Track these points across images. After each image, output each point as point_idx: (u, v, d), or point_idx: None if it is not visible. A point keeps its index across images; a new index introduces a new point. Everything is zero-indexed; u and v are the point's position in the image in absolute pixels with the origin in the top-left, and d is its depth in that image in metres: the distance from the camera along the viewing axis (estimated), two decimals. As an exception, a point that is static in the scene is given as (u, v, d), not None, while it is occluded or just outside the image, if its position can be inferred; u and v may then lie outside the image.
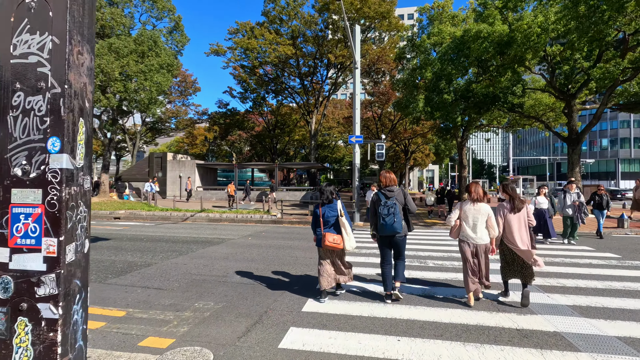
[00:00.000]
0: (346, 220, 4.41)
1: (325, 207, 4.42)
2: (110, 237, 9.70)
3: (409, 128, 38.16)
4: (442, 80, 17.21)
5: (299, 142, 47.47)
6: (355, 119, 13.89)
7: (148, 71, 18.37)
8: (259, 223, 14.14)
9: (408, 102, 22.66)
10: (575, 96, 15.56)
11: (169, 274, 5.69)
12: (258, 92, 36.57)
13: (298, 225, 13.43)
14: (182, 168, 27.07)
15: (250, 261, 6.71)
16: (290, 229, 12.10)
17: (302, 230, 11.87)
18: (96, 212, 16.21)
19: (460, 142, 24.48)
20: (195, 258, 6.97)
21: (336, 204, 4.44)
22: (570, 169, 15.73)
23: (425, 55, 22.23)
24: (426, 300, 4.47)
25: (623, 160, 74.99)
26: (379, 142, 13.83)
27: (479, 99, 17.32)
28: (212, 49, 26.27)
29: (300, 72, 29.23)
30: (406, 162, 41.55)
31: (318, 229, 4.42)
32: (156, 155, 27.67)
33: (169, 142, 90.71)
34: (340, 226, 4.36)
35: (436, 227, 12.76)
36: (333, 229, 4.38)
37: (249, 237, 10.06)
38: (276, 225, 13.60)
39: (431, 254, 7.40)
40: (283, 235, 10.51)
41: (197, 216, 15.10)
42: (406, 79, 24.20)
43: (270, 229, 12.24)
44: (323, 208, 4.42)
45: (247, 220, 14.39)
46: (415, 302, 4.39)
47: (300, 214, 16.08)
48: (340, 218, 4.37)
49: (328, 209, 4.41)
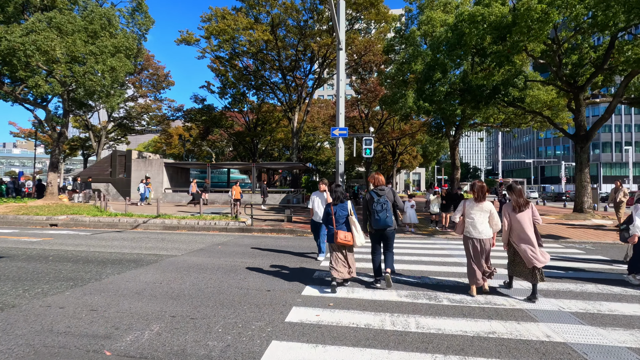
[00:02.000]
0: (355, 218, 4.80)
1: (337, 207, 4.81)
2: (2, 253, 7.19)
3: (397, 128, 36.49)
4: (436, 71, 15.33)
5: (283, 142, 45.16)
6: (339, 108, 11.77)
7: (100, 53, 15.74)
8: (222, 231, 11.79)
9: (396, 98, 20.77)
10: (583, 88, 13.94)
11: (6, 335, 3.33)
12: (238, 88, 34.15)
13: (270, 235, 11.16)
14: (149, 167, 24.31)
15: (173, 299, 4.41)
16: (258, 240, 9.82)
17: (273, 241, 9.61)
18: (30, 218, 13.51)
19: (453, 142, 22.77)
20: (91, 293, 4.63)
21: (347, 204, 4.84)
22: (579, 170, 14.04)
23: (414, 47, 20.41)
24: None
25: (605, 164, 75.99)
26: (367, 136, 11.75)
27: (477, 92, 15.52)
28: (182, 36, 23.66)
29: (281, 65, 27.01)
30: (394, 163, 39.82)
31: (330, 226, 4.81)
32: (119, 153, 24.82)
33: (147, 142, 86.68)
34: (351, 224, 4.76)
35: (444, 237, 10.74)
36: (344, 227, 4.78)
37: (199, 252, 7.74)
38: (243, 234, 11.28)
39: (444, 278, 5.33)
40: (245, 249, 8.23)
41: (150, 223, 12.61)
42: (394, 73, 22.34)
43: (232, 239, 9.93)
44: (335, 207, 4.80)
45: (209, 228, 12.01)
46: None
47: (275, 219, 13.80)
48: (350, 217, 4.79)
49: (339, 209, 4.79)
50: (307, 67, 28.41)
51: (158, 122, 33.99)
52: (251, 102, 37.52)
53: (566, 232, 11.46)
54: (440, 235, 10.95)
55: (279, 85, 30.10)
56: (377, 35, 25.34)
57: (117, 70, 16.45)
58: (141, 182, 20.16)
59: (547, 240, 9.91)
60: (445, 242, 9.64)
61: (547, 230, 11.70)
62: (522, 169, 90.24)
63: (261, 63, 28.86)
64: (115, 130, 34.71)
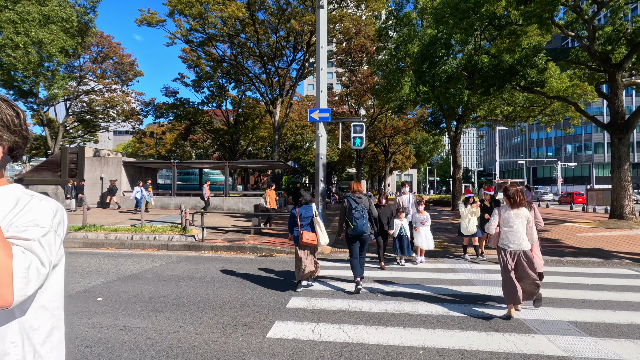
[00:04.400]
0: (320, 219, 5.00)
1: (302, 208, 5.01)
2: None
3: (390, 125, 33.80)
4: (438, 47, 12.54)
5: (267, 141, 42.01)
6: (320, 84, 8.86)
7: (21, 22, 12.49)
8: (162, 249, 8.70)
9: (390, 86, 17.98)
10: (621, 67, 11.33)
11: None
12: (216, 81, 30.95)
13: (223, 255, 8.12)
14: (105, 167, 20.96)
15: None
16: (200, 265, 6.77)
17: (225, 265, 6.56)
18: None
19: (454, 137, 20.10)
20: None
21: (312, 206, 5.03)
22: (617, 167, 11.39)
23: (410, 27, 17.68)
24: None
25: (597, 164, 75.13)
26: (357, 120, 8.85)
27: (489, 73, 12.81)
28: (143, 16, 20.32)
29: (261, 52, 23.98)
30: (386, 164, 37.09)
31: (295, 228, 5.00)
32: (70, 150, 21.39)
33: (126, 142, 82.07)
34: (315, 224, 4.95)
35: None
36: (309, 227, 4.97)
37: (86, 295, 4.69)
38: (187, 254, 8.22)
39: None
40: (156, 292, 5.19)
41: (69, 237, 9.42)
42: (388, 60, 19.57)
43: (162, 265, 6.85)
44: (300, 209, 5.02)
45: (144, 244, 8.90)
46: None
47: (239, 229, 10.71)
48: (315, 217, 4.96)
49: (304, 210, 5.00)
50: (290, 56, 25.46)
51: (126, 117, 30.46)
52: (232, 97, 34.34)
53: (621, 245, 8.74)
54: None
55: (260, 77, 27.09)
56: (368, 15, 22.57)
57: (47, 45, 13.20)
58: (137, 186, 16.39)
59: (603, 263, 7.13)
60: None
61: (591, 243, 8.97)
62: (514, 169, 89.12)
63: (239, 52, 25.80)
64: (76, 127, 31.04)
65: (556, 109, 20.89)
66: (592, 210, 23.54)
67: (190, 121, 32.05)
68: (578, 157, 76.53)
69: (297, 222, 4.92)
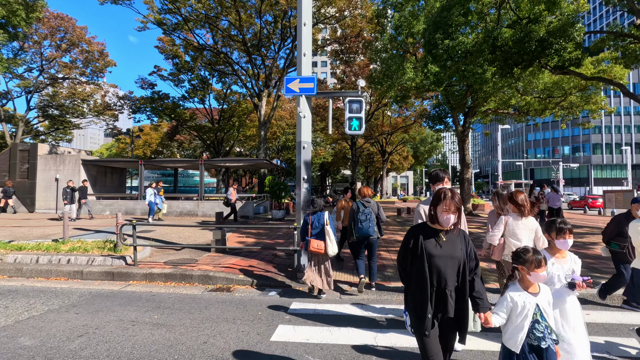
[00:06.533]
0: (331, 229, 4.87)
1: (314, 216, 4.94)
2: None
3: (387, 122, 31.37)
4: (455, 11, 10.05)
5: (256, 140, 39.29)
6: (302, 44, 6.30)
7: None
8: (74, 278, 6.02)
9: (390, 72, 15.51)
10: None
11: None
12: (197, 73, 28.23)
13: (159, 287, 5.47)
14: (62, 166, 18.11)
15: None
16: (101, 318, 4.06)
17: (149, 308, 3.89)
18: None
19: (462, 132, 17.66)
20: None
21: (324, 214, 4.94)
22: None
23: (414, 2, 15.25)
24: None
25: (596, 166, 73.92)
26: (353, 95, 6.31)
27: (514, 48, 10.38)
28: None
29: (244, 38, 21.37)
30: (383, 164, 34.59)
31: (306, 235, 4.93)
32: (21, 146, 18.50)
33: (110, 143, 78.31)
34: (325, 234, 4.82)
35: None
36: (319, 236, 4.87)
37: None
38: (108, 285, 5.55)
39: None
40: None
41: (-47, 259, 6.67)
42: (388, 41, 17.06)
43: (45, 316, 4.14)
44: (312, 217, 4.95)
45: (49, 271, 6.18)
46: None
47: (199, 245, 7.99)
48: (325, 227, 4.85)
49: (316, 219, 4.92)
50: (277, 44, 22.89)
51: (98, 113, 27.49)
52: (217, 91, 31.61)
53: None
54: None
55: (246, 70, 24.48)
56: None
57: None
58: (149, 187, 13.30)
59: None
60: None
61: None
62: (512, 171, 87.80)
63: (222, 40, 23.19)
64: (42, 123, 28.01)
65: (574, 101, 18.62)
66: (611, 214, 21.34)
67: (170, 117, 29.26)
68: (576, 158, 75.23)
69: (309, 229, 4.92)
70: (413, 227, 2.35)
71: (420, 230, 2.24)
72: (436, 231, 2.21)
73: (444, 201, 2.14)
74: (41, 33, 22.75)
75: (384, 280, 5.61)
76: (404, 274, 2.32)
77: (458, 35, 9.87)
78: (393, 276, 5.88)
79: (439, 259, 2.12)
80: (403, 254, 2.29)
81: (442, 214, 2.14)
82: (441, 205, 2.15)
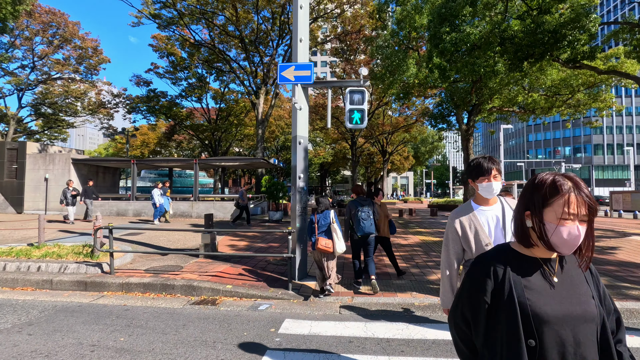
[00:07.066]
0: (337, 226, 4.87)
1: (320, 215, 4.90)
2: None
3: (388, 122, 30.77)
4: (462, 1, 9.44)
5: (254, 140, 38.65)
6: (298, 29, 5.68)
7: None
8: (43, 288, 5.38)
9: (392, 67, 14.91)
10: None
11: None
12: (194, 71, 27.62)
13: (135, 300, 4.82)
14: (51, 166, 17.48)
15: None
16: (56, 342, 3.41)
17: (119, 326, 3.24)
18: None
19: (466, 131, 17.04)
20: None
21: (329, 213, 4.91)
22: None
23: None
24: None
25: (597, 167, 73.43)
26: (354, 84, 5.68)
27: (525, 40, 9.77)
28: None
29: (242, 34, 20.77)
30: (384, 164, 33.96)
31: (313, 235, 4.88)
32: (9, 145, 17.86)
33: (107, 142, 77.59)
34: (332, 232, 4.80)
35: None
36: (325, 234, 4.84)
37: None
38: (79, 298, 4.91)
39: None
40: None
41: None
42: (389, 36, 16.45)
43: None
44: (318, 216, 4.91)
45: (15, 280, 5.53)
46: None
47: (186, 250, 7.36)
48: (332, 225, 4.84)
49: (322, 217, 4.89)
50: (276, 39, 22.29)
51: (92, 111, 26.86)
52: (214, 90, 30.99)
53: None
54: None
55: (244, 67, 23.89)
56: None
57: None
58: (156, 187, 12.71)
59: None
60: None
61: None
62: (511, 172, 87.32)
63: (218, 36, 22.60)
64: (35, 122, 27.36)
65: (582, 99, 18.04)
66: (618, 215, 20.75)
67: (166, 116, 28.63)
68: (577, 158, 74.74)
69: (315, 228, 4.87)
70: (482, 255, 1.19)
71: (501, 261, 1.12)
72: (537, 263, 1.10)
73: (562, 197, 1.01)
74: (32, 29, 22.12)
75: (388, 291, 4.98)
76: (468, 354, 1.20)
77: (465, 27, 9.26)
78: (399, 284, 5.24)
79: (556, 323, 1.01)
80: (469, 310, 1.14)
81: (560, 224, 1.01)
82: (557, 206, 1.01)
